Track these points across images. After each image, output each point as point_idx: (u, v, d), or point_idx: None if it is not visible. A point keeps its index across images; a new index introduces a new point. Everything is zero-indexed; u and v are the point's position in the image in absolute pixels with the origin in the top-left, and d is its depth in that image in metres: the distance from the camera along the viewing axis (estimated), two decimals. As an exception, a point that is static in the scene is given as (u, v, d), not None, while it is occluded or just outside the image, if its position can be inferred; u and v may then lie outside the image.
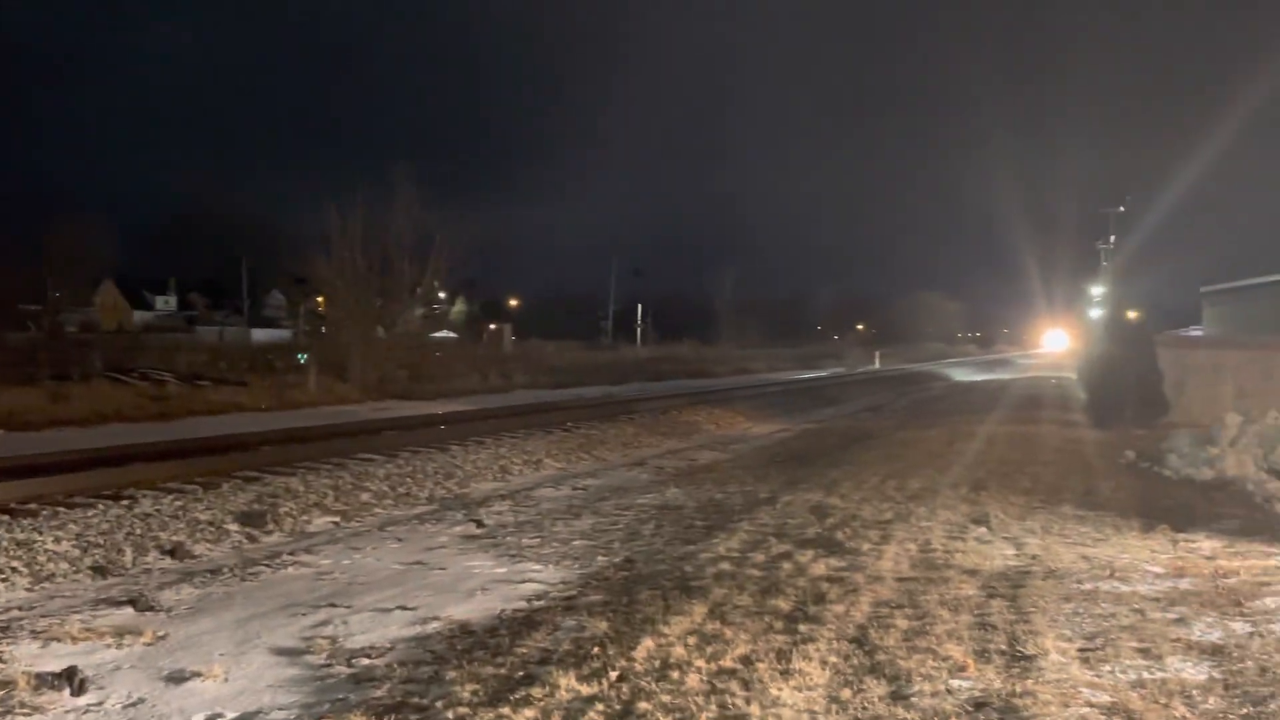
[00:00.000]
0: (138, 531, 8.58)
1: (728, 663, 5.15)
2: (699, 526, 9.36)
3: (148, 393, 21.58)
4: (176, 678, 5.19)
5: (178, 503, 9.55)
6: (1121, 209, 41.68)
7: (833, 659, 5.18)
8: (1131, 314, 27.05)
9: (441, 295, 44.83)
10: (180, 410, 19.77)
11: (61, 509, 9.03)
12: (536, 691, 4.73)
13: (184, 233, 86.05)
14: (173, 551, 8.22)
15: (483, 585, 7.20)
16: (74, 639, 5.80)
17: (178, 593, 6.98)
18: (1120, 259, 43.58)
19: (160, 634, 5.95)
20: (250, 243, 69.21)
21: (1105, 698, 4.65)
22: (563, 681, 4.83)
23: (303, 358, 28.14)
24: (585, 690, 4.75)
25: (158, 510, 9.24)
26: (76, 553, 7.91)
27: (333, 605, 6.62)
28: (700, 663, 5.14)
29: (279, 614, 6.42)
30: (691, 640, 5.54)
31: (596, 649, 5.41)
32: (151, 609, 6.54)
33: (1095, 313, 40.58)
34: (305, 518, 9.82)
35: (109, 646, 5.69)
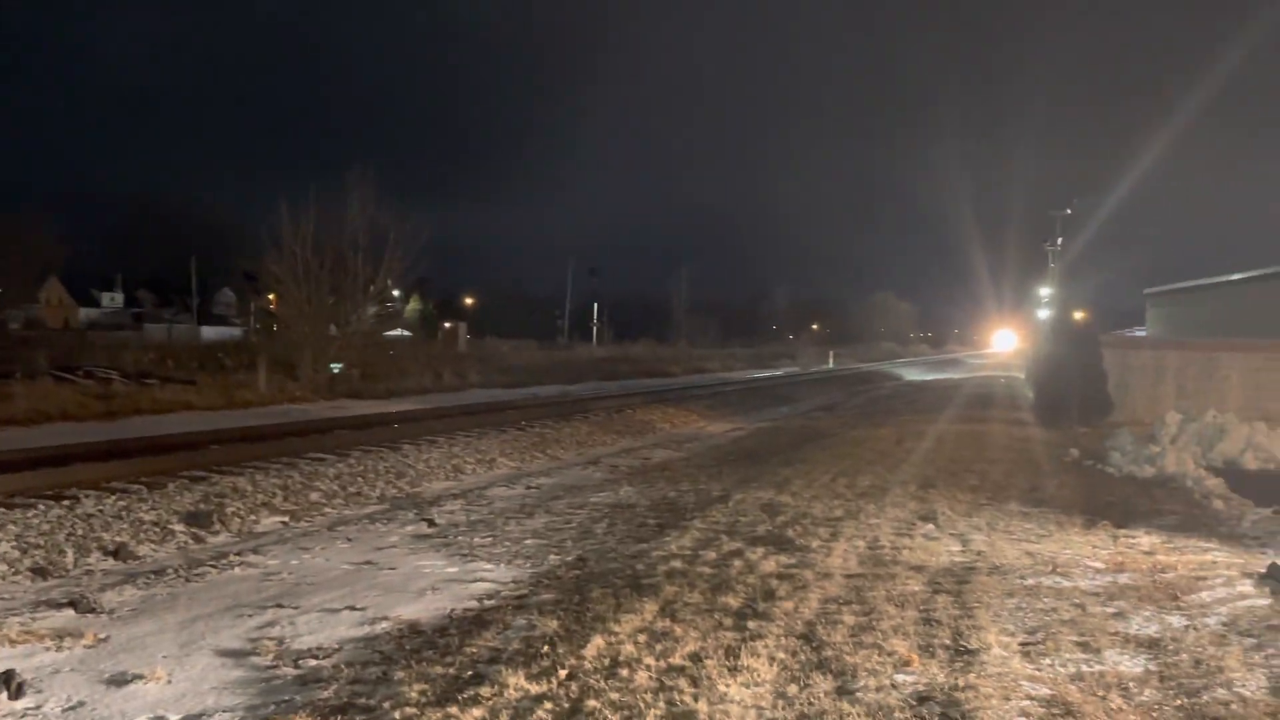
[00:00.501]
0: (80, 532, 8.41)
1: (677, 660, 5.18)
2: (651, 525, 9.39)
3: (93, 391, 21.10)
4: (118, 680, 5.11)
5: (121, 503, 9.37)
6: (1068, 211, 42.47)
7: (781, 655, 5.23)
8: (1078, 315, 27.58)
9: (396, 294, 44.38)
10: (126, 409, 19.37)
11: (0, 509, 8.81)
12: (485, 691, 4.72)
13: (132, 229, 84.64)
14: (116, 552, 8.06)
15: (433, 585, 7.16)
16: (12, 641, 5.67)
17: (120, 594, 6.85)
18: (1067, 261, 44.42)
19: (101, 636, 5.84)
20: (200, 239, 68.29)
21: (1045, 690, 4.75)
22: (512, 681, 4.83)
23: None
24: (534, 689, 4.75)
25: (100, 510, 9.06)
26: (16, 554, 7.73)
27: (280, 606, 6.55)
28: (650, 660, 5.16)
29: (224, 615, 6.33)
30: (642, 638, 5.56)
31: (546, 648, 5.41)
32: (93, 611, 6.42)
33: (1043, 314, 41.28)
34: (253, 518, 9.69)
35: (48, 649, 5.58)
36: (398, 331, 51.98)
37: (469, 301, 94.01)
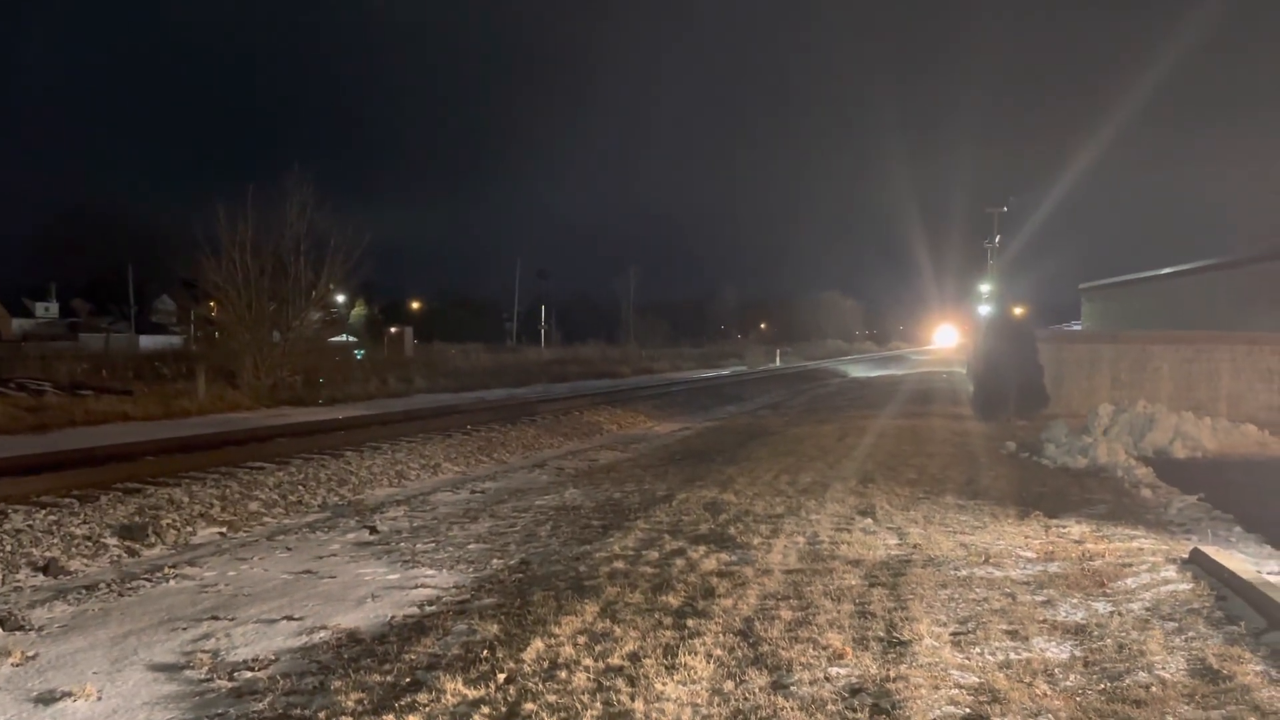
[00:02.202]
0: (8, 549, 8.20)
1: (615, 660, 5.21)
2: (595, 526, 9.41)
3: (25, 404, 20.57)
4: (46, 698, 5.01)
5: (52, 517, 9.16)
6: (1005, 209, 43.31)
7: (718, 652, 5.29)
8: (1018, 310, 28.11)
9: (340, 299, 43.81)
10: (60, 421, 18.92)
11: (-76, 528, 8.56)
12: (422, 697, 4.72)
13: (65, 236, 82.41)
14: (46, 568, 7.89)
15: (374, 592, 7.11)
16: (-65, 663, 5.53)
17: (50, 610, 6.71)
18: (1006, 257, 45.30)
19: (30, 654, 5.72)
20: (136, 247, 66.72)
21: (973, 679, 4.87)
22: (450, 686, 4.83)
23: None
24: (472, 694, 4.75)
25: (30, 526, 8.85)
26: (-60, 573, 7.52)
27: (215, 618, 6.46)
28: (589, 661, 5.19)
29: (158, 629, 6.24)
30: (581, 640, 5.59)
31: (486, 652, 5.41)
32: (21, 628, 6.28)
33: (984, 309, 42.04)
34: (189, 529, 9.53)
35: (-27, 669, 5.45)
36: (344, 337, 51.37)
37: (415, 306, 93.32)
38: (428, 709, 4.58)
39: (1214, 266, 29.42)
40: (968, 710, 4.47)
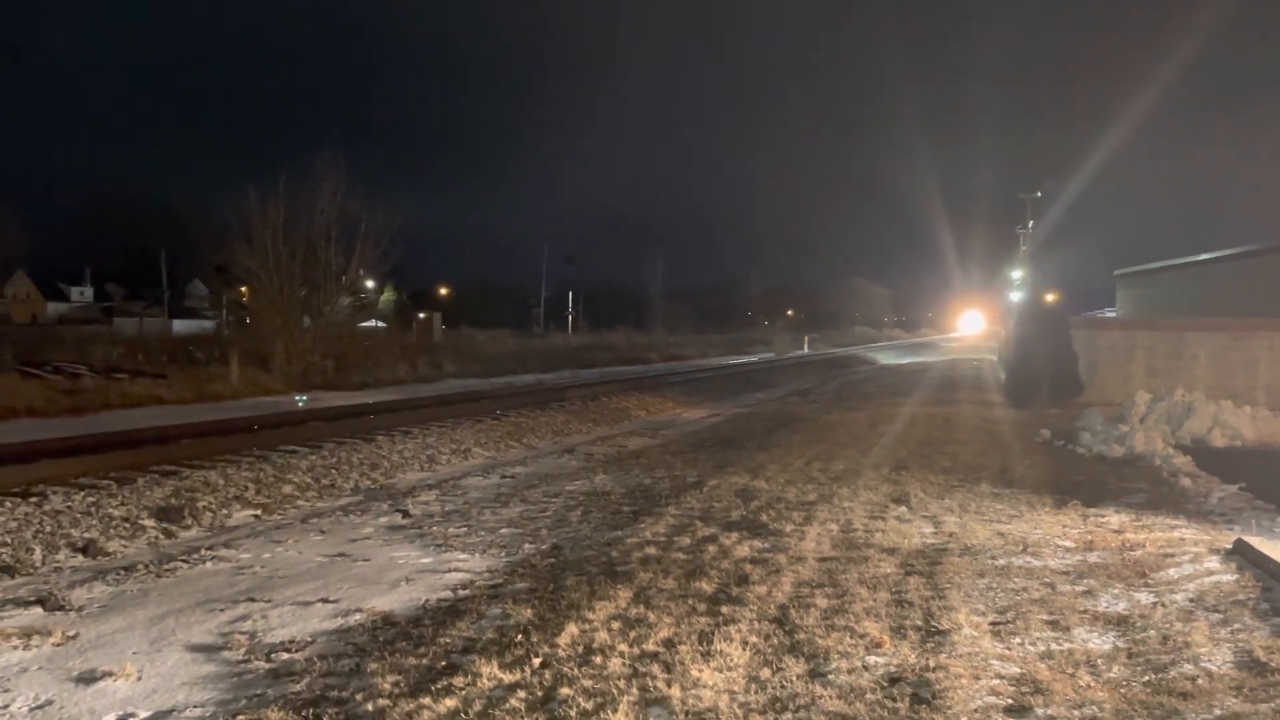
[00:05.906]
0: (48, 529, 8.30)
1: (650, 646, 5.19)
2: (626, 512, 9.39)
3: (61, 386, 20.83)
4: (87, 678, 5.06)
5: (90, 499, 9.27)
6: (1039, 194, 42.72)
7: (754, 639, 5.26)
8: (1050, 297, 27.77)
9: (370, 284, 44.04)
10: (95, 404, 19.14)
11: (-34, 508, 8.67)
12: (458, 680, 4.72)
13: (99, 221, 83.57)
14: (85, 549, 7.97)
15: (407, 576, 7.13)
16: (-22, 641, 5.60)
17: (90, 591, 6.78)
18: (1037, 243, 44.73)
19: (70, 634, 5.78)
20: (169, 231, 67.42)
21: (1014, 669, 4.80)
22: (485, 670, 4.83)
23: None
24: (507, 678, 4.75)
25: (69, 507, 8.96)
26: (-18, 553, 7.62)
27: (252, 600, 6.50)
28: (623, 647, 5.17)
29: (196, 610, 6.28)
30: (615, 625, 5.57)
31: (520, 636, 5.41)
32: (61, 608, 6.34)
33: (1015, 296, 41.57)
34: (225, 512, 9.61)
35: (16, 648, 5.51)
36: (372, 322, 51.67)
37: (443, 291, 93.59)
38: (464, 692, 4.57)
39: (1252, 253, 28.86)
40: (1010, 701, 4.40)
